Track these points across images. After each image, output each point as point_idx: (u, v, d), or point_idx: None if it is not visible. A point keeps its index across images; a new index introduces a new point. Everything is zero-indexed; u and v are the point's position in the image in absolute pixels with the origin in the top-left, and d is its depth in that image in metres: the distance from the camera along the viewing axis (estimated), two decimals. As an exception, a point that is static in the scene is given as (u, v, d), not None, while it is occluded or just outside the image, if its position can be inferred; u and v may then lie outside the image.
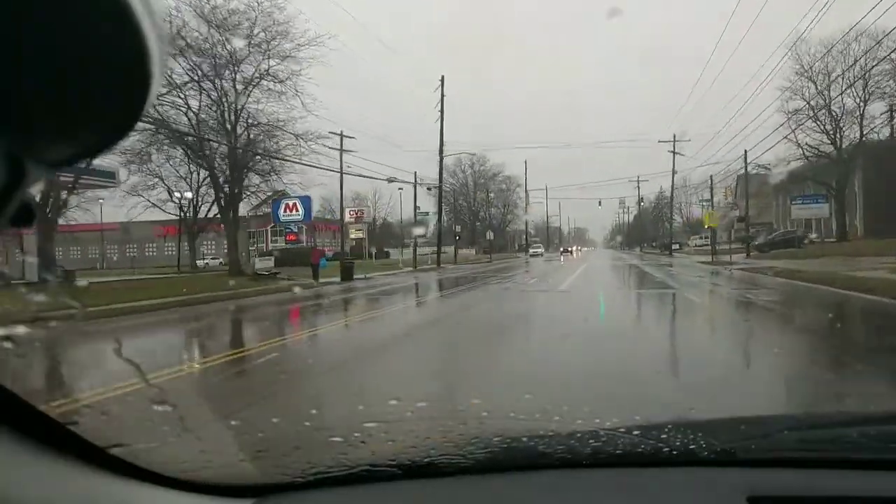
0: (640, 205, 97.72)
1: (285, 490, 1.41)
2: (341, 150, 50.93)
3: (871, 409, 4.49)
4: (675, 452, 1.42)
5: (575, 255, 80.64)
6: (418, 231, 55.50)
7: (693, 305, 15.87)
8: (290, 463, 1.55)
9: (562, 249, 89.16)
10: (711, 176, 58.54)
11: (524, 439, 1.54)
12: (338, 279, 28.01)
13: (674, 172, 65.29)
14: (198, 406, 4.46)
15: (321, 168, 36.52)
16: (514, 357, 8.17)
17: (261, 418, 4.44)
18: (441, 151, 47.45)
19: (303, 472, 1.44)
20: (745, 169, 43.30)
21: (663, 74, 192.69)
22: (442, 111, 47.28)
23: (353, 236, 58.43)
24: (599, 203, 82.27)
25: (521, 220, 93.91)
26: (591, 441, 1.48)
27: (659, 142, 64.47)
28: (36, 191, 0.66)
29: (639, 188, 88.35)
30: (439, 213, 51.17)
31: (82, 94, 0.59)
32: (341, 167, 50.07)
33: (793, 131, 41.26)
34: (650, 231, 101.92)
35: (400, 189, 59.83)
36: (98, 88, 0.59)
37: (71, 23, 0.54)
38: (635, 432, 1.51)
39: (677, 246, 71.52)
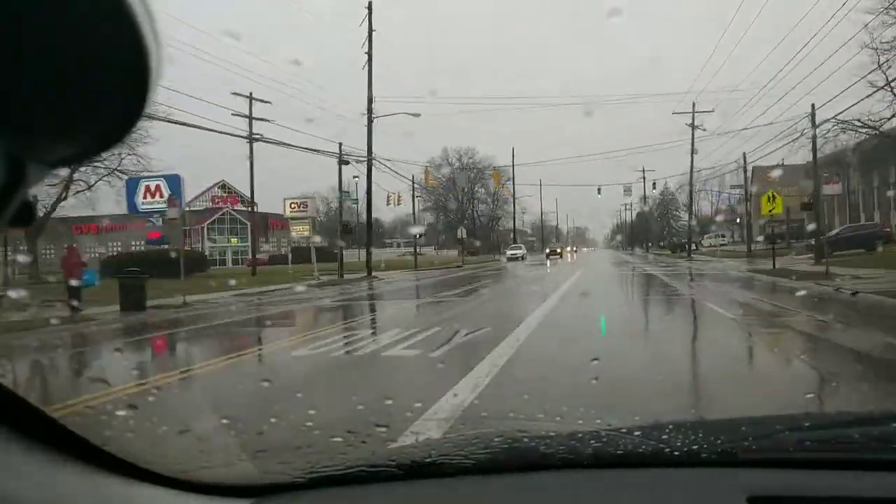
0: (645, 200, 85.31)
1: (285, 490, 1.40)
2: (251, 118, 37.75)
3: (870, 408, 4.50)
4: (676, 453, 1.40)
5: (569, 257, 66.55)
6: (403, 229, 44.98)
7: None
8: (289, 462, 1.54)
9: (547, 251, 66.68)
10: (745, 154, 45.45)
11: (525, 440, 1.53)
12: (135, 306, 17.59)
13: (693, 152, 51.67)
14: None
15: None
16: None
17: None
18: (370, 110, 33.64)
19: (303, 472, 1.42)
20: (814, 131, 29.57)
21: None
22: (370, 54, 33.54)
23: (295, 233, 46.56)
24: (599, 191, 65.57)
25: (516, 218, 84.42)
26: (592, 442, 1.47)
27: (674, 113, 51.41)
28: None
29: (644, 179, 75.57)
30: (368, 197, 37.20)
31: (82, 94, 0.58)
32: (251, 140, 37.04)
33: (889, 83, 26.59)
34: (655, 229, 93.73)
35: (355, 176, 48.40)
36: (98, 88, 0.59)
37: (71, 23, 0.53)
38: (636, 433, 1.50)
39: (693, 246, 57.78)
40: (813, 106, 29.24)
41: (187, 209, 79.74)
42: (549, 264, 47.59)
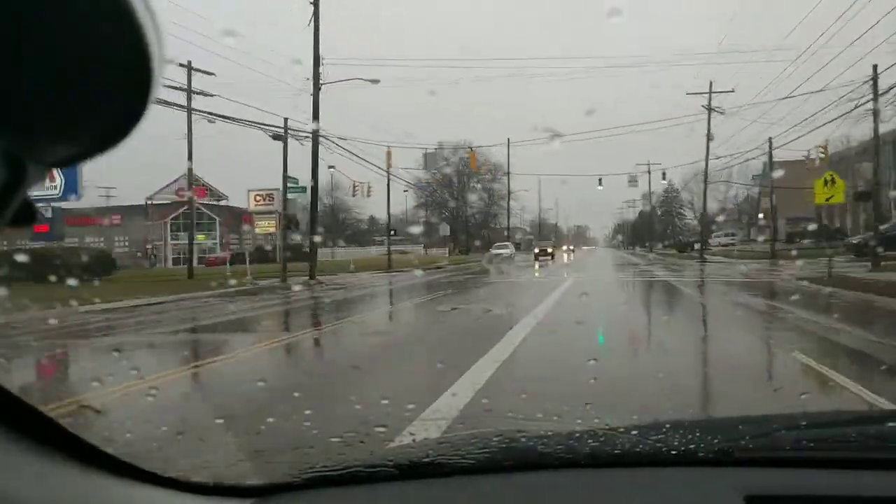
0: (650, 196, 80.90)
1: (285, 490, 1.40)
2: (189, 91, 32.06)
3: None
4: (673, 452, 1.39)
5: (565, 257, 59.35)
6: (402, 227, 43.22)
7: None
8: (289, 463, 1.58)
9: (536, 251, 52.25)
10: (771, 139, 39.22)
11: (523, 439, 1.53)
12: None
13: (709, 138, 45.05)
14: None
15: None
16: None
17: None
18: (316, 75, 26.91)
19: (301, 473, 1.42)
20: (875, 98, 23.00)
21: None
22: (316, 2, 26.79)
23: (258, 229, 41.82)
24: (600, 182, 50.41)
25: (513, 214, 79.29)
26: (590, 441, 1.47)
27: (688, 94, 44.98)
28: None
29: (649, 172, 69.68)
30: (314, 179, 30.30)
31: (82, 94, 0.59)
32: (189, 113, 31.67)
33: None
34: (657, 228, 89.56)
35: (331, 166, 43.12)
36: (98, 88, 0.59)
37: (71, 23, 0.54)
38: (633, 432, 1.49)
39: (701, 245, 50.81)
40: (875, 68, 22.79)
41: (150, 202, 73.10)
42: (536, 267, 39.44)
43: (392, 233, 43.89)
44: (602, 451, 1.41)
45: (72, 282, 16.68)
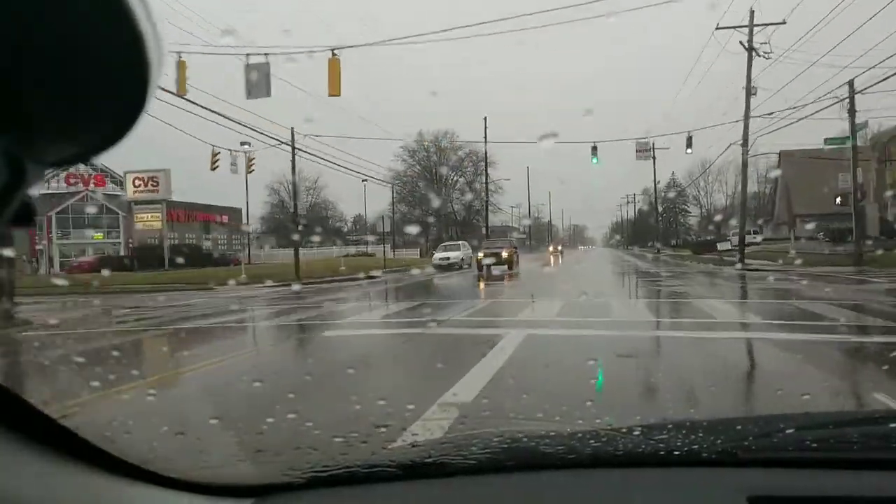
0: (654, 185, 68.73)
1: (285, 490, 1.40)
2: None
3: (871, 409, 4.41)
4: (675, 453, 1.40)
5: (552, 260, 46.41)
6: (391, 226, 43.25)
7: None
8: (289, 463, 1.53)
9: (481, 254, 32.05)
10: (851, 82, 27.15)
11: (525, 439, 1.52)
12: None
13: (749, 92, 32.13)
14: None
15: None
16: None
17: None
18: None
19: (302, 473, 1.42)
20: None
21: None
22: None
23: (140, 224, 37.76)
24: (594, 151, 35.79)
25: (505, 212, 74.29)
26: (591, 441, 1.47)
27: (718, 28, 32.24)
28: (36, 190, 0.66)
29: (654, 158, 58.35)
30: None
31: (82, 94, 0.59)
32: None
33: None
34: (659, 226, 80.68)
35: (244, 143, 35.45)
36: (98, 88, 0.59)
37: (70, 23, 0.54)
38: (636, 432, 1.49)
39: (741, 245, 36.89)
40: None
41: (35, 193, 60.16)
42: (481, 286, 23.64)
43: (300, 227, 31.13)
44: (604, 452, 1.41)
45: None
